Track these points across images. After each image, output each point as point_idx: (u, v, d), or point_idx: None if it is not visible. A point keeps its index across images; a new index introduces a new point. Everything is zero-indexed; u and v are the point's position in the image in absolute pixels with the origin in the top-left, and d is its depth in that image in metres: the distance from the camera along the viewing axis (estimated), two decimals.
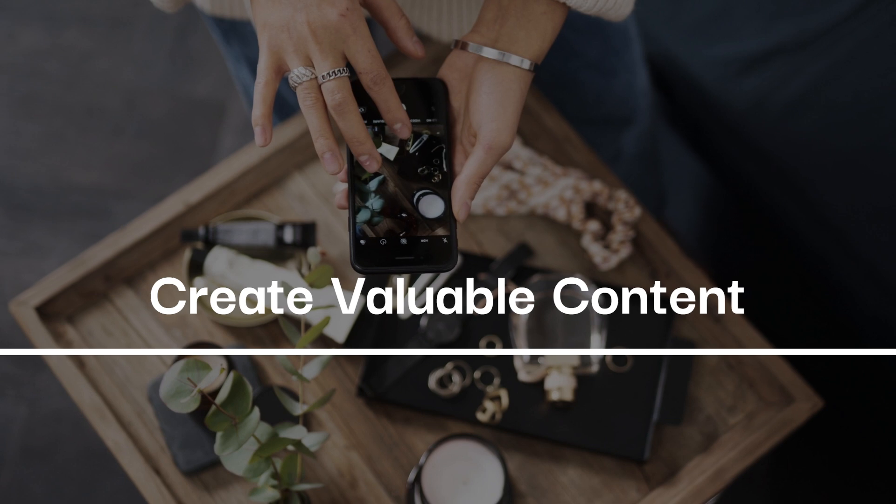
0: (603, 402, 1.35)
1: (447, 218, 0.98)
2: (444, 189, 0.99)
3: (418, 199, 0.98)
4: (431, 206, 0.98)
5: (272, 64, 0.97)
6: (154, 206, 1.42)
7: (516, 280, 1.39)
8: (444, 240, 0.97)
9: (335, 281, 1.38)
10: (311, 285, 1.17)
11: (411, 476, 1.29)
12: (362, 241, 0.96)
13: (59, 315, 1.38)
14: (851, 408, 1.89)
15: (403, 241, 0.97)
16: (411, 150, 1.00)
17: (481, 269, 1.40)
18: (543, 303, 1.36)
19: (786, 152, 1.67)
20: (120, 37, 2.41)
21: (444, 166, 1.00)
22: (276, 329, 1.38)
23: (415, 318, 1.38)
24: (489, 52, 1.00)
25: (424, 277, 1.39)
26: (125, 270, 1.40)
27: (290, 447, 1.13)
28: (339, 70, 0.95)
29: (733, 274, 2.02)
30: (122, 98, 2.36)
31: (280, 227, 1.38)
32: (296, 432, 1.11)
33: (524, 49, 1.00)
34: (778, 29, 1.72)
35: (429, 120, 1.01)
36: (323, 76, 0.95)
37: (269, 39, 0.96)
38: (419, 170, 0.99)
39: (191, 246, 1.40)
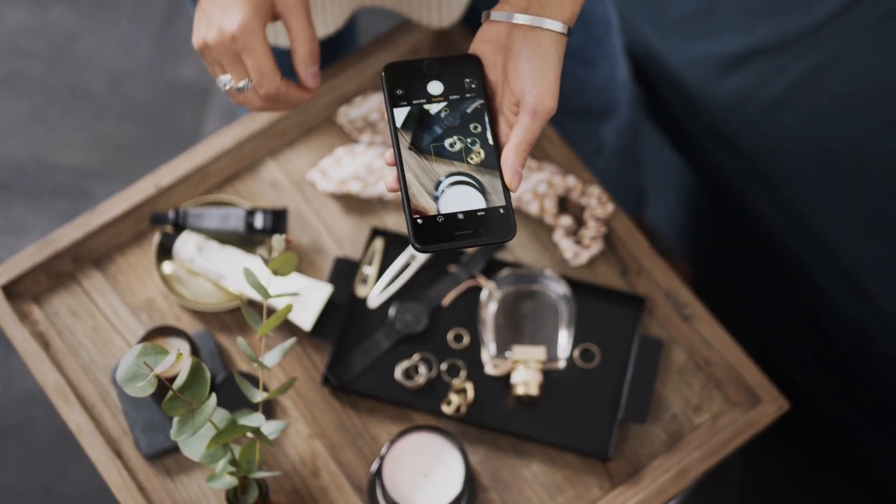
0: (569, 399, 1.34)
1: (495, 193, 0.99)
2: (487, 169, 1.00)
3: (444, 191, 0.98)
4: (464, 199, 0.99)
5: (213, 71, 1.10)
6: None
7: (486, 273, 1.39)
8: (501, 210, 0.98)
9: (297, 274, 1.38)
10: (275, 273, 1.16)
11: (374, 467, 1.29)
12: (419, 220, 0.97)
13: (25, 295, 1.37)
14: (823, 407, 1.89)
15: (460, 216, 0.97)
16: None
17: (451, 261, 1.39)
18: (512, 297, 1.35)
19: (765, 152, 1.67)
20: (106, 18, 2.40)
21: (481, 144, 1.01)
22: (241, 316, 1.37)
23: (383, 309, 1.38)
24: (523, 19, 1.00)
25: (394, 268, 1.38)
26: (94, 252, 1.39)
27: (250, 434, 1.12)
28: (246, 83, 1.09)
29: (711, 272, 2.01)
30: (106, 79, 2.35)
31: (251, 213, 1.38)
32: (254, 420, 1.11)
33: (557, 13, 1.00)
34: (760, 29, 1.72)
35: (468, 95, 1.01)
36: (237, 88, 1.09)
37: (200, 57, 1.10)
38: (461, 150, 1.01)
39: (160, 229, 1.39)
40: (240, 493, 1.20)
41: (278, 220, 1.38)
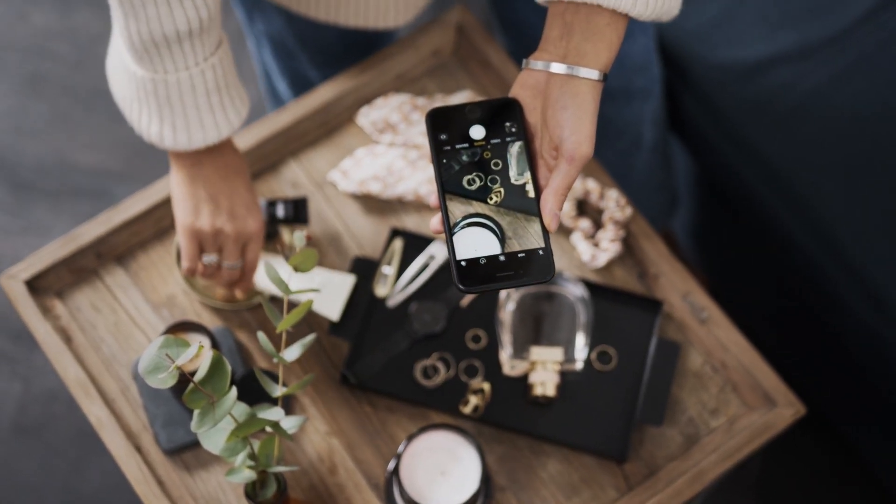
0: (586, 400, 1.35)
1: (534, 234, 1.02)
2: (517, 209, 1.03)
3: (457, 233, 1.02)
4: (478, 242, 1.02)
5: (194, 250, 1.29)
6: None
7: None
8: (541, 252, 1.01)
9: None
10: (295, 269, 1.17)
11: (391, 465, 1.29)
12: (463, 263, 1.00)
13: (48, 290, 1.39)
14: (836, 414, 1.89)
15: (502, 258, 1.00)
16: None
17: None
18: (530, 299, 1.36)
19: (784, 160, 1.67)
20: None
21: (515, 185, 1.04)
22: (261, 313, 1.38)
23: (401, 308, 1.38)
24: (559, 68, 1.03)
25: (413, 268, 1.39)
26: (116, 248, 1.41)
27: (268, 429, 1.13)
28: (238, 262, 1.31)
29: (726, 278, 2.02)
30: None
31: (272, 204, 1.39)
32: (273, 413, 1.12)
33: (593, 61, 1.03)
34: (781, 37, 1.72)
35: (508, 139, 1.05)
36: (228, 265, 1.31)
37: (192, 235, 1.28)
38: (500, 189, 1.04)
39: None
40: (258, 488, 1.21)
41: (299, 208, 1.39)
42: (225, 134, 1.24)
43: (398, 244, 1.41)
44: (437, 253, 1.39)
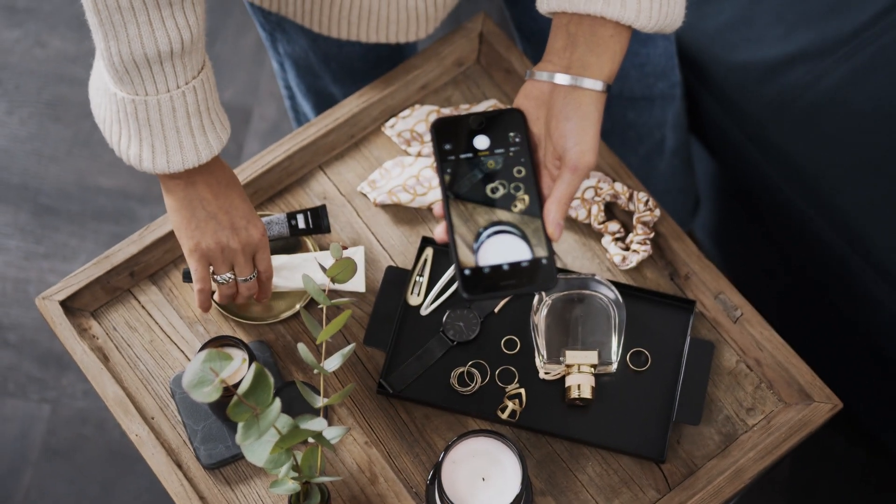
0: (622, 402, 1.35)
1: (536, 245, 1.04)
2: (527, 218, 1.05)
3: (488, 241, 1.03)
4: (508, 249, 1.03)
5: (204, 271, 1.30)
6: None
7: None
8: (543, 261, 1.03)
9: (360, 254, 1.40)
10: (333, 280, 1.18)
11: (432, 471, 1.30)
12: (467, 272, 1.02)
13: (83, 310, 1.40)
14: (871, 416, 1.88)
15: (505, 267, 1.02)
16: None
17: None
18: (563, 302, 1.37)
19: (807, 158, 1.68)
20: None
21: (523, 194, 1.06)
22: (295, 326, 1.39)
23: (435, 317, 1.39)
24: (563, 79, 1.04)
25: (446, 276, 1.40)
26: (150, 267, 1.41)
27: (311, 439, 1.14)
28: (253, 275, 1.31)
29: (748, 278, 2.02)
30: None
31: (292, 216, 1.40)
32: (316, 424, 1.12)
33: (597, 72, 1.05)
34: (799, 36, 1.73)
35: (512, 149, 1.06)
36: (243, 279, 1.31)
37: (201, 257, 1.28)
38: (503, 198, 1.06)
39: (185, 267, 1.41)
40: (302, 499, 1.21)
41: (319, 216, 1.40)
42: (205, 158, 1.22)
43: (429, 252, 1.42)
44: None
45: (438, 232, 1.05)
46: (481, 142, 1.07)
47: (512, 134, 1.07)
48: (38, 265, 2.24)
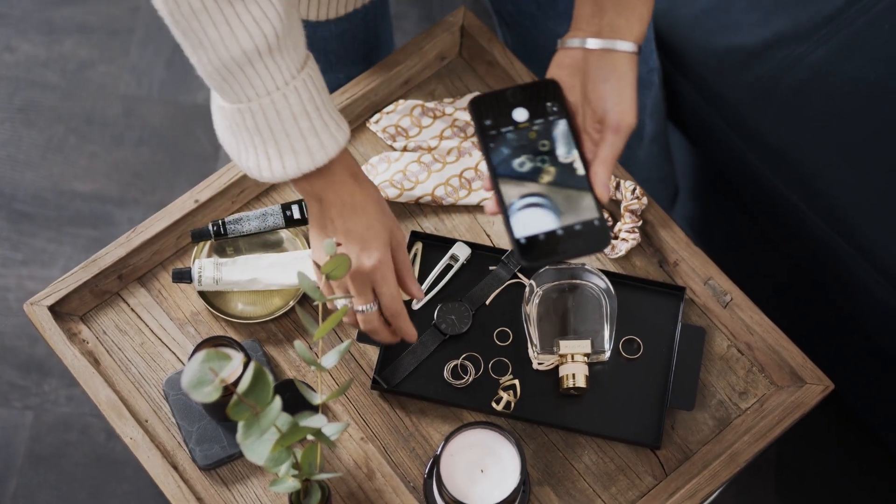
0: (616, 390, 1.36)
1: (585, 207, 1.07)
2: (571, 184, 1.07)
3: (514, 214, 1.06)
4: (557, 214, 1.06)
5: (367, 293, 1.22)
6: (160, 208, 1.43)
7: (527, 271, 1.40)
8: (596, 222, 1.06)
9: None
10: (328, 277, 1.18)
11: (428, 466, 1.30)
12: (523, 241, 1.05)
13: (72, 315, 1.39)
14: (858, 400, 1.90)
15: (560, 232, 1.05)
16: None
17: (492, 261, 1.41)
18: (554, 293, 1.37)
19: (787, 142, 1.69)
20: (118, 46, 2.42)
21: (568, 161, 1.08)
22: (287, 324, 1.39)
23: (427, 311, 1.39)
24: (596, 44, 1.06)
25: (436, 270, 1.40)
26: (138, 269, 1.41)
27: (310, 437, 1.14)
28: (369, 306, 1.21)
29: (729, 267, 2.03)
30: (121, 106, 2.36)
31: (287, 206, 1.39)
32: (316, 421, 1.12)
33: (627, 34, 1.06)
34: (775, 21, 1.74)
35: (551, 118, 1.09)
36: (359, 310, 1.22)
37: (362, 280, 1.20)
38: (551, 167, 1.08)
39: (172, 267, 1.41)
40: (302, 497, 1.21)
41: None
42: (320, 161, 1.16)
43: (419, 247, 1.41)
44: (459, 254, 1.40)
45: (489, 206, 1.07)
46: (520, 114, 1.10)
47: (549, 104, 1.09)
48: (16, 272, 2.23)
